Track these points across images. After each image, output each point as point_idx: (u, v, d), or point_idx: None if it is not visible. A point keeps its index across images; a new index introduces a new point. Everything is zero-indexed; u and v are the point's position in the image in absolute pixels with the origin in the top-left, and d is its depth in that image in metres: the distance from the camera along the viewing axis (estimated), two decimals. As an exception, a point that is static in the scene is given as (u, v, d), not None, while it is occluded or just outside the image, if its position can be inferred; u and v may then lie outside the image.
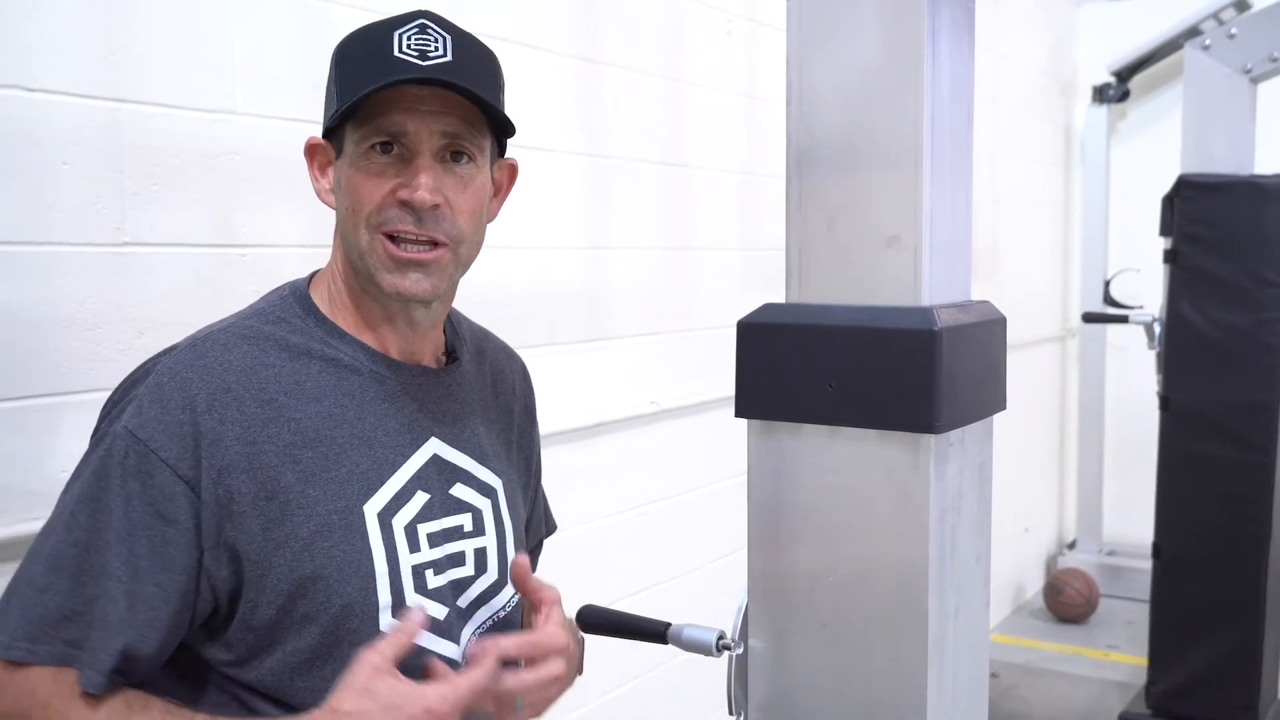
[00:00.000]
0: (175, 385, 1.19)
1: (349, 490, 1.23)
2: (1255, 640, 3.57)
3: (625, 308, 3.06)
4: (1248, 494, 3.52)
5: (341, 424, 1.23)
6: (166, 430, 1.16)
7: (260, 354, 1.22)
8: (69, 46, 1.77)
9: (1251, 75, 3.54)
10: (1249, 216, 3.45)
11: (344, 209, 1.26)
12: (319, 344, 1.26)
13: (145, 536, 1.16)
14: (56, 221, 1.76)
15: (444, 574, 1.31)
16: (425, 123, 1.23)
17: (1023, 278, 5.83)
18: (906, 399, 1.21)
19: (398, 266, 1.24)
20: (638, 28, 3.08)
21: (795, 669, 1.31)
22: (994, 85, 5.35)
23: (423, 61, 1.22)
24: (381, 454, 1.26)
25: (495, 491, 1.39)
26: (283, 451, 1.20)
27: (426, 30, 1.24)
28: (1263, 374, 3.47)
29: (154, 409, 1.17)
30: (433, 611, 1.28)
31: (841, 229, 1.28)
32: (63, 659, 1.14)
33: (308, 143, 1.32)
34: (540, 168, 2.75)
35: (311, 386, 1.23)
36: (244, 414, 1.18)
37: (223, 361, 1.21)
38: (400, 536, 1.26)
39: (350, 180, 1.24)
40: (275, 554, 1.18)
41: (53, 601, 1.14)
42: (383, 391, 1.28)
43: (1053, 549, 6.41)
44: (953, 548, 1.29)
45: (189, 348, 1.23)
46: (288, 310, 1.28)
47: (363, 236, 1.24)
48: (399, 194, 1.22)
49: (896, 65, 1.24)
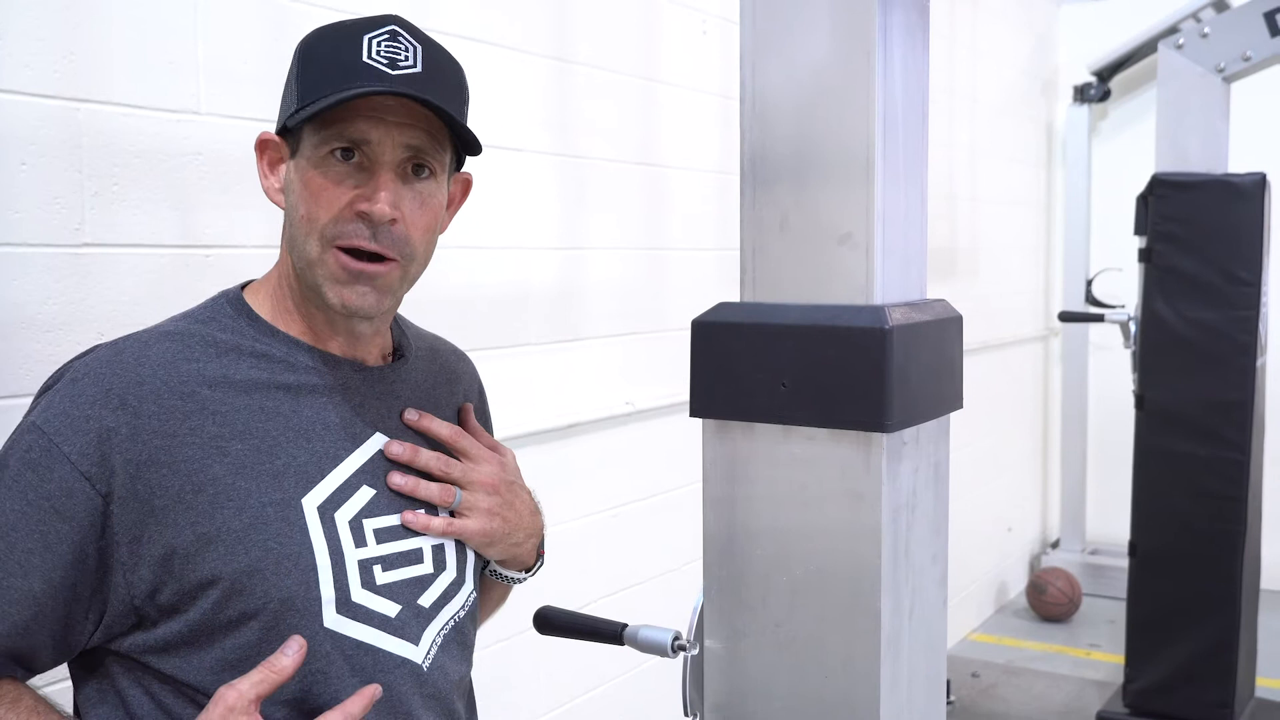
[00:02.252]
0: (89, 381, 1.17)
1: (285, 483, 1.21)
2: (1231, 637, 3.58)
3: (599, 308, 3.06)
4: (1223, 491, 3.53)
5: (275, 417, 1.22)
6: (73, 425, 1.14)
7: (182, 349, 1.21)
8: (28, 45, 1.76)
9: (1225, 74, 3.55)
10: (1222, 215, 3.46)
11: (297, 214, 1.23)
12: (249, 340, 1.24)
13: (37, 531, 1.14)
14: (15, 222, 1.75)
15: (395, 570, 1.28)
16: (390, 133, 1.21)
17: (1004, 277, 5.84)
18: (858, 398, 1.21)
19: (348, 279, 1.22)
20: (612, 28, 3.08)
21: (749, 669, 1.31)
22: (973, 84, 5.35)
23: (392, 70, 1.20)
24: (320, 448, 1.24)
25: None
26: (208, 444, 1.18)
27: (398, 38, 1.22)
28: (1237, 372, 3.48)
29: (64, 404, 1.16)
30: (382, 609, 1.26)
31: (794, 228, 1.28)
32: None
33: (260, 137, 1.29)
34: (513, 168, 2.75)
35: (240, 380, 1.21)
36: (161, 407, 1.16)
37: (139, 358, 1.19)
38: (345, 531, 1.24)
39: (307, 183, 1.22)
40: (208, 548, 1.16)
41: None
42: (320, 386, 1.26)
43: (1036, 548, 6.42)
44: (907, 547, 1.28)
45: (109, 346, 1.23)
46: (218, 311, 1.27)
47: (313, 247, 1.22)
48: (357, 205, 1.20)
49: (847, 65, 1.24)
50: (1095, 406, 6.15)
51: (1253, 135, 4.47)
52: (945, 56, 5.02)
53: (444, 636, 1.33)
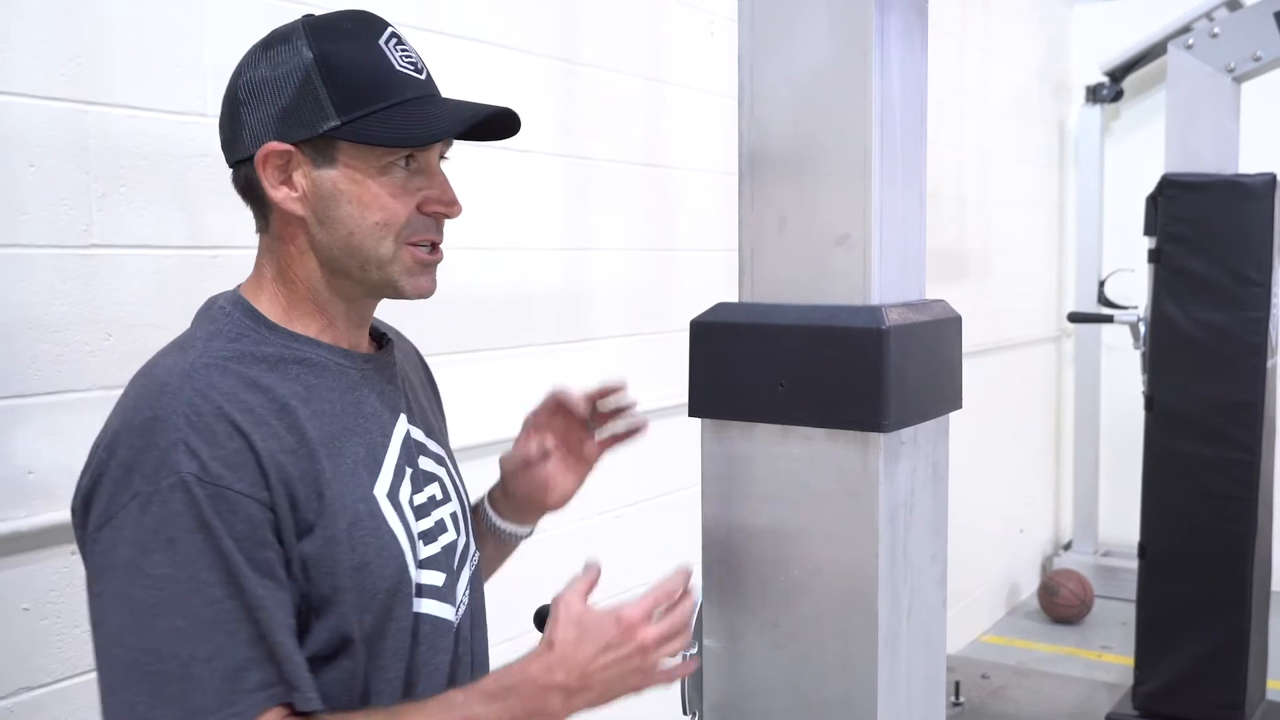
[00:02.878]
0: (211, 418, 1.13)
1: (359, 478, 1.23)
2: (1241, 639, 3.57)
3: (605, 309, 3.07)
4: (1232, 493, 3.51)
5: (332, 419, 1.24)
6: (227, 463, 1.12)
7: (248, 371, 1.20)
8: (35, 48, 1.78)
9: (1235, 74, 3.54)
10: (1232, 216, 3.44)
11: (366, 223, 1.24)
12: (284, 349, 1.25)
13: (263, 562, 1.14)
14: (23, 223, 1.76)
15: (435, 541, 1.33)
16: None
17: (1016, 278, 5.83)
18: (855, 398, 1.22)
19: (422, 270, 1.29)
20: (618, 29, 3.09)
21: (748, 668, 1.31)
22: (985, 85, 5.34)
23: (420, 76, 1.27)
24: (371, 439, 1.28)
25: (445, 459, 1.44)
26: (311, 453, 1.19)
27: (401, 40, 1.28)
28: (1246, 373, 3.46)
29: (205, 450, 1.12)
30: (433, 581, 1.31)
31: (792, 228, 1.28)
32: (271, 700, 1.11)
33: (266, 149, 1.24)
34: (519, 169, 2.76)
35: (300, 390, 1.23)
36: (273, 428, 1.17)
37: (227, 386, 1.17)
38: (407, 512, 1.29)
39: (376, 195, 1.24)
40: (335, 549, 1.19)
41: (226, 660, 1.10)
42: (349, 382, 1.29)
43: (1048, 550, 6.40)
44: (905, 546, 1.29)
45: (183, 384, 1.16)
46: (240, 325, 1.25)
47: (387, 247, 1.25)
48: (428, 207, 1.27)
49: (845, 66, 1.24)
50: (1108, 408, 6.12)
51: (1263, 136, 4.44)
52: (956, 57, 5.01)
53: (469, 596, 1.39)
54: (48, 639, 1.81)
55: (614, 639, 1.21)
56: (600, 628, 1.21)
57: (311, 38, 1.25)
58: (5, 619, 1.76)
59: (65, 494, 1.80)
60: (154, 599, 1.09)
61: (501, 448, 1.56)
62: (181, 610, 1.09)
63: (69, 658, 1.84)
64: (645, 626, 1.22)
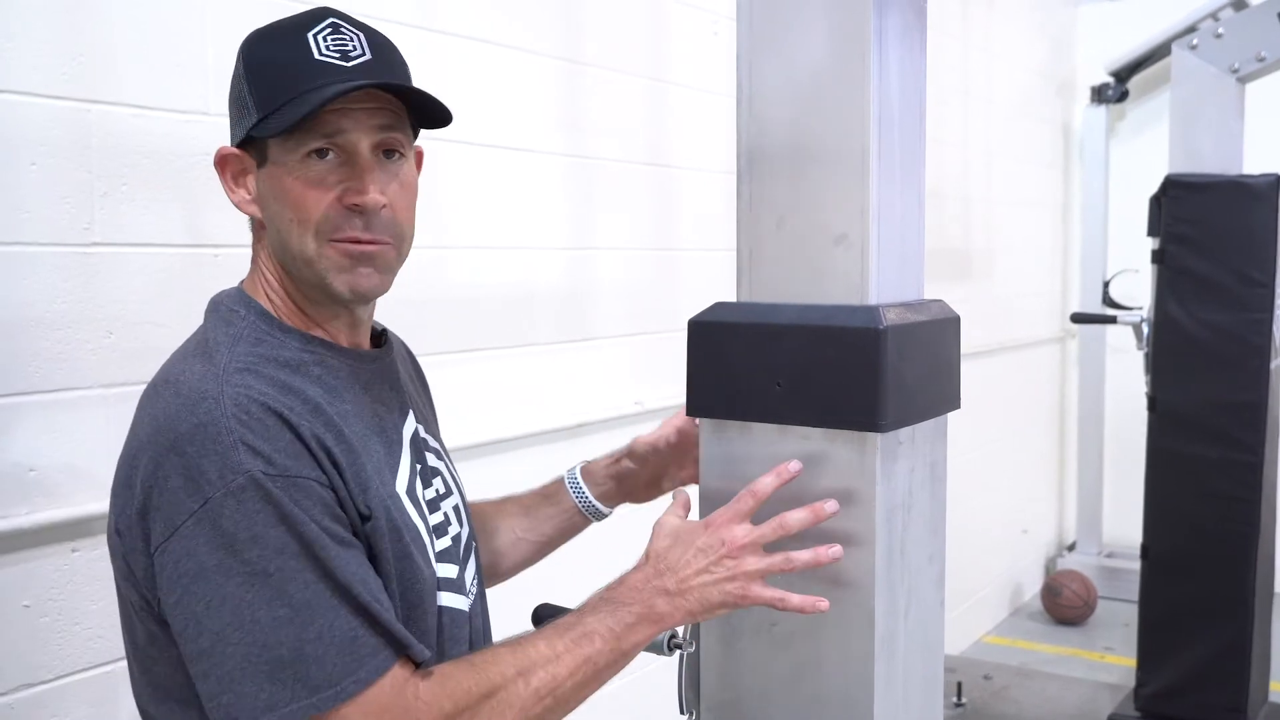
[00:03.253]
0: (260, 414, 1.14)
1: (384, 476, 1.25)
2: (1244, 641, 3.56)
3: (608, 308, 3.07)
4: (1235, 494, 3.50)
5: (355, 418, 1.25)
6: (288, 453, 1.14)
7: (275, 374, 1.21)
8: (37, 47, 1.79)
9: (1239, 75, 3.53)
10: (1236, 216, 3.43)
11: (285, 219, 1.24)
12: (301, 353, 1.25)
13: (343, 536, 1.16)
14: (24, 221, 1.77)
15: (445, 535, 1.35)
16: (360, 121, 1.22)
17: (1020, 279, 5.82)
18: (852, 397, 1.22)
19: (350, 263, 1.24)
20: (621, 28, 3.09)
21: (745, 668, 1.31)
22: (989, 86, 5.34)
23: (346, 63, 1.21)
24: (387, 437, 1.29)
25: (443, 453, 1.45)
26: (350, 449, 1.21)
27: (340, 30, 1.24)
28: (1249, 374, 3.45)
29: (264, 445, 1.13)
30: (446, 573, 1.32)
31: (790, 228, 1.28)
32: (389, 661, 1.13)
33: (219, 153, 1.28)
34: (522, 169, 2.76)
35: (322, 391, 1.23)
36: (314, 425, 1.18)
37: (263, 387, 1.18)
38: (424, 507, 1.31)
39: (290, 190, 1.22)
40: (382, 541, 1.21)
41: (336, 633, 1.11)
42: (362, 380, 1.30)
43: (1052, 551, 6.40)
44: (902, 546, 1.29)
45: (222, 388, 1.14)
46: (258, 330, 1.25)
47: (310, 245, 1.23)
48: (346, 199, 1.22)
49: (843, 66, 1.24)
50: (1112, 409, 6.11)
51: (1267, 136, 4.43)
52: (960, 57, 5.01)
53: (476, 585, 1.41)
54: (48, 636, 1.82)
55: (705, 542, 1.23)
56: (692, 533, 1.25)
57: (247, 43, 1.27)
58: (6, 616, 1.77)
59: (66, 491, 1.82)
60: (251, 595, 1.10)
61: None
62: (281, 600, 1.10)
63: (69, 654, 1.84)
64: (733, 527, 1.23)
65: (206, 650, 1.12)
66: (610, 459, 1.62)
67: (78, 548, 1.85)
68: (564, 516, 1.61)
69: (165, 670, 1.21)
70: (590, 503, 1.61)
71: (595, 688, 1.23)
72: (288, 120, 1.19)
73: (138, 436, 1.19)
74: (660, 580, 1.23)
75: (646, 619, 1.22)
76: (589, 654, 1.20)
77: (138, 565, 1.17)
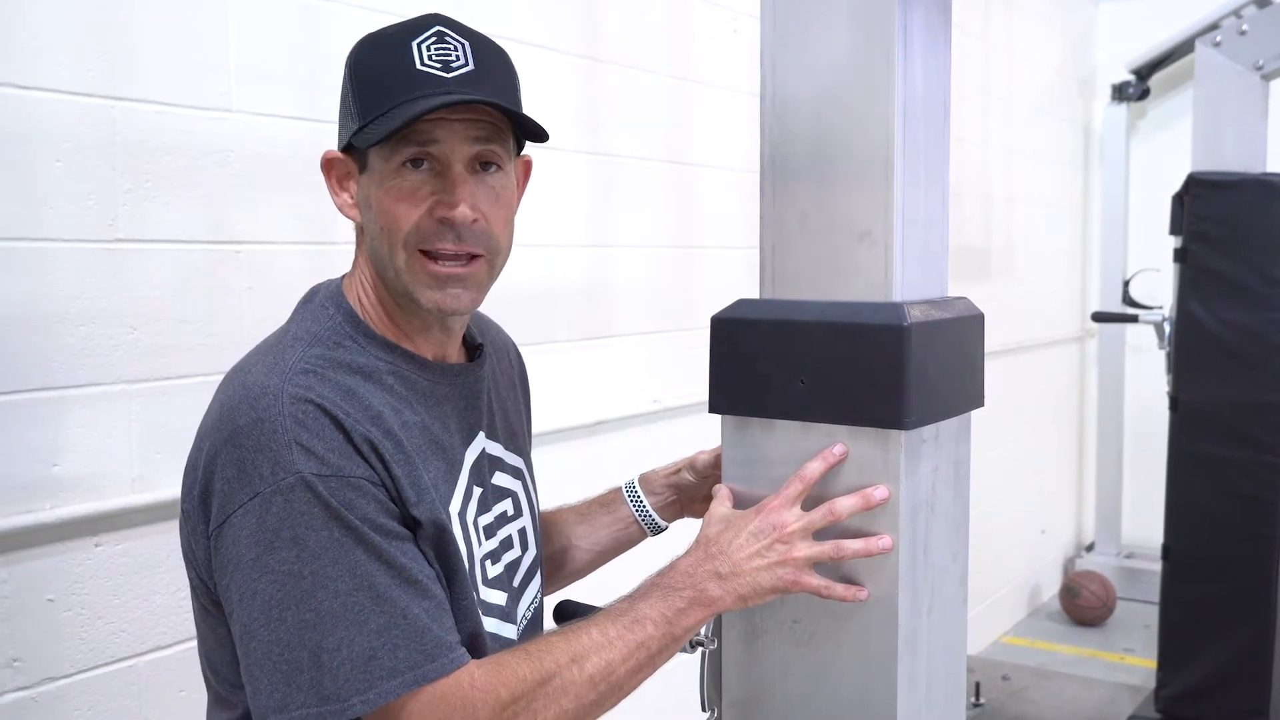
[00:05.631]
0: (315, 414, 1.15)
1: (439, 495, 1.24)
2: (1265, 643, 3.53)
3: (628, 306, 3.07)
4: (1258, 495, 3.48)
5: (420, 431, 1.24)
6: (341, 453, 1.14)
7: (344, 380, 1.21)
8: (63, 45, 1.79)
9: (1263, 72, 3.50)
10: (1259, 215, 3.41)
11: (377, 229, 1.24)
12: (378, 360, 1.25)
13: (395, 531, 1.16)
14: (49, 218, 1.78)
15: (499, 561, 1.34)
16: (456, 133, 1.22)
17: (1040, 278, 5.80)
18: (876, 395, 1.21)
19: (437, 283, 1.23)
20: (642, 26, 3.09)
21: (767, 666, 1.31)
22: (1009, 84, 5.32)
23: (447, 74, 1.21)
24: (449, 456, 1.29)
25: (523, 472, 1.44)
26: (408, 459, 1.21)
27: (445, 39, 1.23)
28: (1273, 374, 3.43)
29: (318, 445, 1.14)
30: (497, 600, 1.31)
31: (814, 225, 1.28)
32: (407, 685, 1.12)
33: (325, 157, 1.29)
34: (543, 166, 2.75)
35: (392, 400, 1.23)
36: (370, 432, 1.18)
37: (325, 390, 1.18)
38: (472, 532, 1.29)
39: (382, 200, 1.23)
40: (429, 553, 1.21)
41: (353, 649, 1.11)
42: (435, 396, 1.29)
43: (1070, 551, 6.37)
44: (926, 544, 1.28)
45: (284, 386, 1.17)
46: (341, 334, 1.26)
47: (400, 256, 1.23)
48: (437, 212, 1.22)
49: (868, 63, 1.24)
50: (1132, 408, 6.08)
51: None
52: (981, 56, 4.99)
53: (533, 610, 1.41)
54: (72, 630, 1.83)
55: (756, 526, 1.23)
56: (743, 518, 1.25)
57: (356, 47, 1.27)
58: (29, 610, 1.78)
59: (89, 486, 1.83)
60: (281, 594, 1.11)
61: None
62: (308, 604, 1.11)
63: (92, 649, 1.85)
64: (783, 512, 1.23)
65: (239, 639, 1.15)
66: (670, 469, 1.60)
67: (101, 542, 1.86)
68: (620, 525, 1.59)
69: (211, 645, 1.26)
70: (647, 512, 1.58)
71: (649, 673, 1.23)
72: (383, 130, 1.19)
73: (207, 421, 1.21)
74: (712, 564, 1.23)
75: (698, 602, 1.22)
76: (642, 639, 1.20)
77: (198, 546, 1.20)
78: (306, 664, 1.10)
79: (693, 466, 1.57)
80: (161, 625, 1.94)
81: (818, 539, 1.23)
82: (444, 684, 1.13)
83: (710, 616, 1.24)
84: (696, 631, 1.25)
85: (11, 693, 1.76)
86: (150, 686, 1.92)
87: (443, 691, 1.13)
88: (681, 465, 1.59)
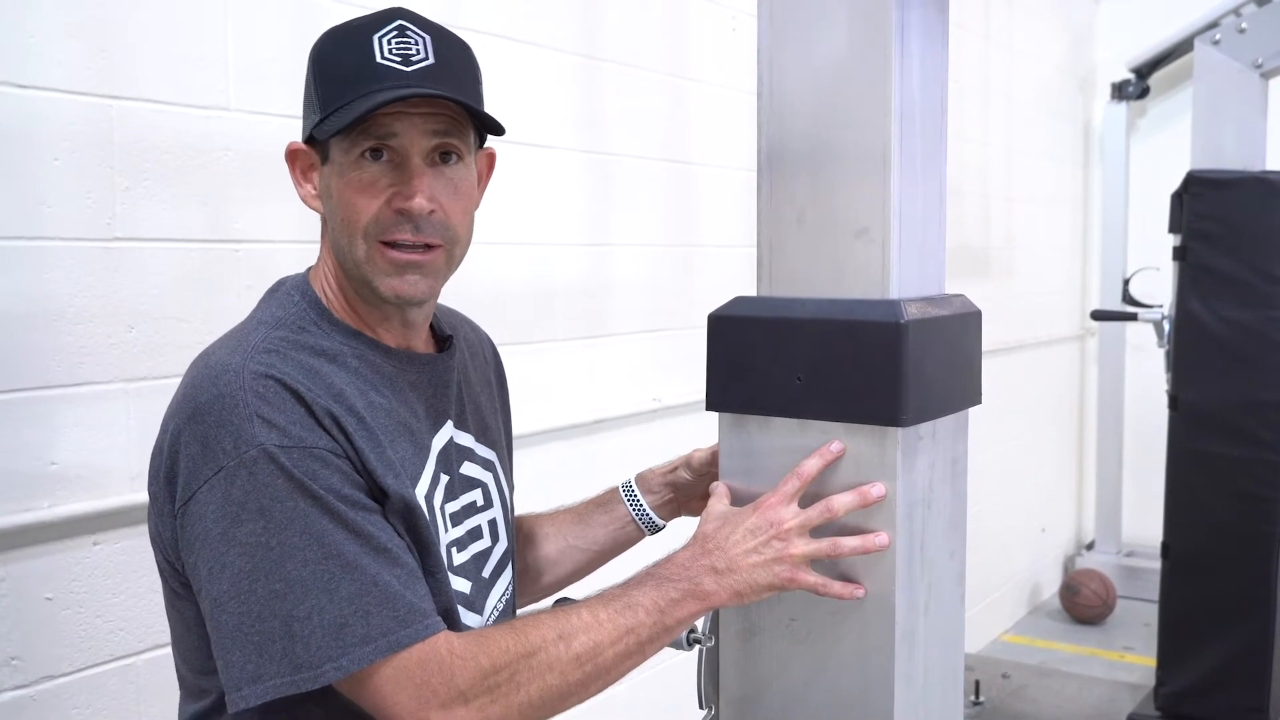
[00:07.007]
0: (276, 389, 1.16)
1: (404, 479, 1.24)
2: (1266, 641, 3.52)
3: (627, 304, 3.07)
4: (1258, 493, 3.47)
5: (386, 414, 1.25)
6: (302, 425, 1.15)
7: (308, 360, 1.22)
8: (61, 44, 1.79)
9: (1262, 70, 3.49)
10: (1259, 213, 3.40)
11: (337, 220, 1.26)
12: (342, 345, 1.27)
13: (361, 501, 1.17)
14: (47, 216, 1.78)
15: (466, 550, 1.34)
16: (414, 125, 1.23)
17: (1040, 276, 5.80)
18: (873, 392, 1.21)
19: (396, 270, 1.25)
20: (640, 24, 3.08)
21: (764, 664, 1.31)
22: (1009, 82, 5.31)
23: (406, 67, 1.22)
24: (416, 440, 1.29)
25: (494, 464, 1.44)
26: (371, 434, 1.22)
27: (406, 32, 1.24)
28: (1272, 372, 3.42)
29: (279, 417, 1.15)
30: (461, 588, 1.31)
31: (811, 222, 1.28)
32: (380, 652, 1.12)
33: (289, 148, 1.32)
34: (541, 165, 2.76)
35: (357, 382, 1.24)
36: (332, 408, 1.19)
37: (287, 367, 1.19)
38: (438, 517, 1.30)
39: (342, 191, 1.25)
40: (399, 526, 1.22)
41: (324, 617, 1.11)
42: (400, 382, 1.30)
43: (1070, 550, 6.37)
44: (923, 542, 1.28)
45: (245, 363, 1.18)
46: (305, 319, 1.27)
47: (359, 246, 1.25)
48: (395, 204, 1.23)
49: (865, 61, 1.24)
50: (1132, 407, 6.08)
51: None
52: (980, 54, 4.99)
53: (504, 603, 1.40)
54: (70, 628, 1.83)
55: (753, 523, 1.23)
56: (740, 515, 1.25)
57: (319, 40, 1.29)
58: (28, 608, 1.78)
59: (87, 484, 1.83)
60: (250, 565, 1.12)
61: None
62: (277, 574, 1.11)
63: (91, 647, 1.85)
64: (781, 509, 1.23)
65: (209, 614, 1.15)
66: (666, 467, 1.60)
67: (99, 541, 1.86)
68: (617, 525, 1.59)
69: (180, 632, 1.27)
70: (644, 511, 1.58)
71: (638, 660, 1.22)
72: (342, 122, 1.21)
73: (172, 403, 1.22)
74: (708, 559, 1.23)
75: (692, 595, 1.22)
76: (632, 624, 1.20)
77: (165, 527, 1.20)
78: (278, 634, 1.11)
79: (689, 464, 1.57)
80: (160, 623, 1.92)
81: (815, 536, 1.23)
82: (420, 649, 1.13)
83: (704, 611, 1.24)
84: (689, 625, 1.25)
85: (10, 691, 1.76)
86: (149, 685, 1.92)
87: (419, 657, 1.13)
88: (678, 463, 1.59)
